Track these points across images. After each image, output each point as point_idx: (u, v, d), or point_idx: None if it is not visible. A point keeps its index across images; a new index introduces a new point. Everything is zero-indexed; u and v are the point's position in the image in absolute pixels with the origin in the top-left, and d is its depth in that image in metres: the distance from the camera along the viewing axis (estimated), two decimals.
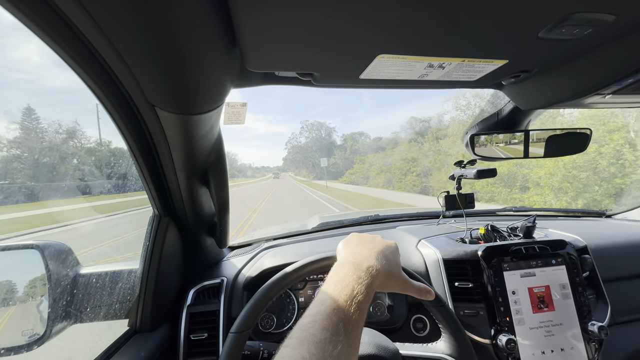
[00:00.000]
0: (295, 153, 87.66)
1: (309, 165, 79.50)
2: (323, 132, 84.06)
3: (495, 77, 0.67)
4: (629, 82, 0.58)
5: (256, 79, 0.65)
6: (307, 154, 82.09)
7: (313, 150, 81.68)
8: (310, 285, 0.94)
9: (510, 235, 0.97)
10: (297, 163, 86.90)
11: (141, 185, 0.68)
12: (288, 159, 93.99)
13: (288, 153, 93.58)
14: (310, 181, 52.25)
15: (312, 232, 1.28)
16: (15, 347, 0.58)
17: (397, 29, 0.44)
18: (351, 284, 0.41)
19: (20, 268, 0.65)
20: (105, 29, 0.37)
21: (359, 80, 0.63)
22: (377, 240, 0.53)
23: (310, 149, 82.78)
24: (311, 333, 0.34)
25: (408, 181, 21.04)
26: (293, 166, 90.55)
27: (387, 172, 26.25)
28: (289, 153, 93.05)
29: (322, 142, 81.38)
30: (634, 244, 1.03)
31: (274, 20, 0.40)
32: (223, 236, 0.94)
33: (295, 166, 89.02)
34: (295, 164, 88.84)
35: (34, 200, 3.54)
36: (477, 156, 0.98)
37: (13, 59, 69.46)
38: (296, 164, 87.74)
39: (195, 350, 0.76)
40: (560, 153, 0.97)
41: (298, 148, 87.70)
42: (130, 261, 0.78)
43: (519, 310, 0.78)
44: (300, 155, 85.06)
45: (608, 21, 0.44)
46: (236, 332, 0.52)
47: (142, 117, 0.56)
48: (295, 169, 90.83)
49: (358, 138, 69.72)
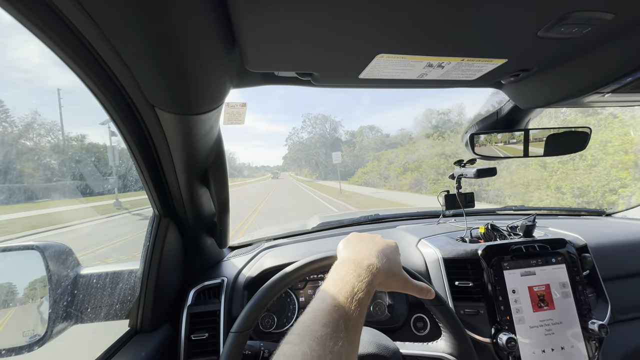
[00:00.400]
0: (297, 150, 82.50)
1: (312, 163, 74.78)
2: (328, 127, 77.33)
3: (494, 76, 0.67)
4: (628, 80, 0.58)
5: (256, 79, 0.65)
6: (310, 151, 77.01)
7: (317, 146, 75.96)
8: (310, 284, 0.94)
9: (510, 234, 0.97)
10: (299, 161, 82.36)
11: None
12: (289, 157, 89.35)
13: (289, 151, 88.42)
14: (314, 181, 49.60)
15: (312, 232, 1.28)
16: (16, 347, 0.58)
17: (396, 29, 0.44)
18: (351, 281, 0.41)
19: (21, 269, 0.65)
20: (105, 30, 0.37)
21: (359, 80, 0.63)
22: (378, 240, 0.54)
23: (313, 146, 77.50)
24: (312, 329, 0.34)
25: (448, 183, 18.28)
26: (294, 165, 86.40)
27: (414, 170, 20.70)
28: (289, 151, 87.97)
29: (326, 138, 75.19)
30: (633, 242, 1.03)
31: (273, 20, 0.40)
32: (223, 236, 0.94)
33: (297, 165, 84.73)
34: (296, 162, 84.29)
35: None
36: (477, 155, 0.98)
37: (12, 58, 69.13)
38: (297, 162, 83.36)
39: (196, 350, 0.76)
40: (560, 152, 0.97)
41: (300, 145, 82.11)
42: (131, 261, 0.78)
43: (519, 309, 0.78)
44: (303, 153, 79.89)
45: (607, 20, 0.44)
46: (237, 332, 0.52)
47: (141, 117, 0.56)
48: (296, 167, 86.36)
49: (368, 133, 61.36)
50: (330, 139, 74.03)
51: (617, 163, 6.87)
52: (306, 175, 75.09)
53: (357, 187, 26.22)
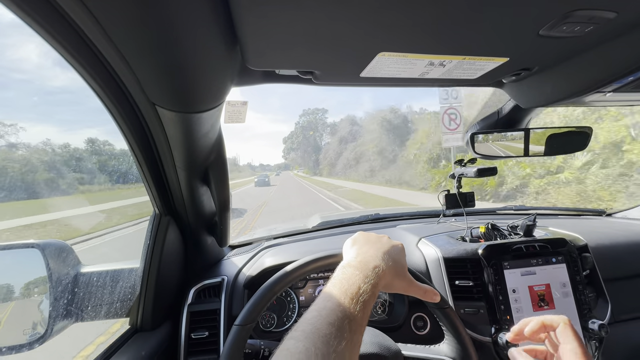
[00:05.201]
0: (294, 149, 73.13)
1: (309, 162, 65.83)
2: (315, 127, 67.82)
3: (496, 75, 0.67)
4: (629, 79, 0.58)
5: (257, 77, 0.65)
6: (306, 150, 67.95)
7: (308, 150, 67.07)
8: (310, 284, 0.94)
9: (511, 234, 0.97)
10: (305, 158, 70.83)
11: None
12: (288, 144, 77.71)
13: (287, 151, 79.89)
14: (310, 177, 47.00)
15: (313, 231, 1.28)
16: (16, 345, 0.58)
17: (397, 27, 0.43)
18: (358, 282, 0.41)
19: (21, 267, 0.65)
20: (107, 28, 0.37)
21: (360, 78, 0.63)
22: (384, 241, 0.53)
23: (305, 145, 68.16)
24: (316, 327, 0.34)
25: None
26: (298, 154, 74.58)
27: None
28: (289, 137, 76.88)
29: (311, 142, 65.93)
30: (634, 242, 1.03)
31: (274, 19, 0.40)
32: (224, 235, 0.94)
33: (301, 160, 73.23)
34: (302, 158, 72.96)
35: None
36: (478, 154, 0.98)
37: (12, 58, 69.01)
38: (302, 158, 72.32)
39: (196, 349, 0.76)
40: (560, 151, 0.97)
41: (300, 128, 71.33)
42: (131, 260, 0.78)
43: (519, 308, 0.78)
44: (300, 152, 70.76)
45: (609, 18, 0.43)
46: (240, 325, 0.53)
47: (142, 115, 0.56)
48: (301, 162, 74.82)
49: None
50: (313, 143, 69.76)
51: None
52: (305, 172, 69.99)
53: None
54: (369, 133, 32.30)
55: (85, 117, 74.46)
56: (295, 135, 77.81)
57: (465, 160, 1.04)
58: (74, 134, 72.40)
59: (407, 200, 11.63)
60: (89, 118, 31.66)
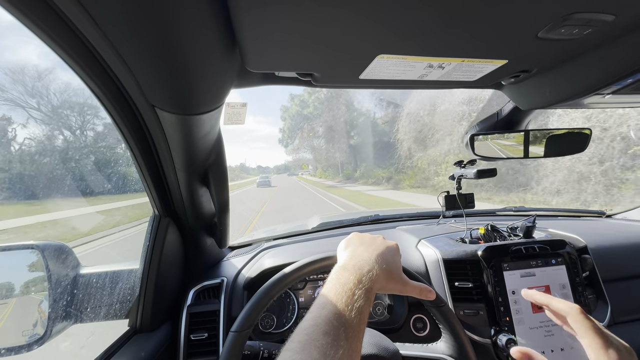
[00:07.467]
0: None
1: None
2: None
3: (494, 77, 0.67)
4: (628, 82, 0.58)
5: (256, 79, 0.65)
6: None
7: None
8: (310, 285, 0.94)
9: (510, 235, 0.97)
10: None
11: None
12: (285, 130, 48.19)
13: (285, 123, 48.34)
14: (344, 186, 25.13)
15: (312, 232, 1.28)
16: (15, 347, 0.58)
17: (397, 29, 0.44)
18: (352, 288, 0.41)
19: (21, 268, 0.65)
20: (105, 30, 0.37)
21: (359, 80, 0.63)
22: (379, 242, 0.53)
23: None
24: (313, 337, 0.34)
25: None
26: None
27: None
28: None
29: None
30: (634, 243, 1.03)
31: (273, 20, 0.40)
32: (223, 236, 0.94)
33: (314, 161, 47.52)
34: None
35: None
36: (477, 156, 0.98)
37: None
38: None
39: (196, 350, 0.76)
40: (560, 153, 0.97)
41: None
42: (130, 261, 0.78)
43: (518, 310, 0.78)
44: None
45: (607, 21, 0.44)
46: (237, 331, 0.52)
47: (142, 117, 0.56)
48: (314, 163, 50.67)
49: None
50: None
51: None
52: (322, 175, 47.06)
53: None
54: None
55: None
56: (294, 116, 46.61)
57: (465, 162, 1.04)
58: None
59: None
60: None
